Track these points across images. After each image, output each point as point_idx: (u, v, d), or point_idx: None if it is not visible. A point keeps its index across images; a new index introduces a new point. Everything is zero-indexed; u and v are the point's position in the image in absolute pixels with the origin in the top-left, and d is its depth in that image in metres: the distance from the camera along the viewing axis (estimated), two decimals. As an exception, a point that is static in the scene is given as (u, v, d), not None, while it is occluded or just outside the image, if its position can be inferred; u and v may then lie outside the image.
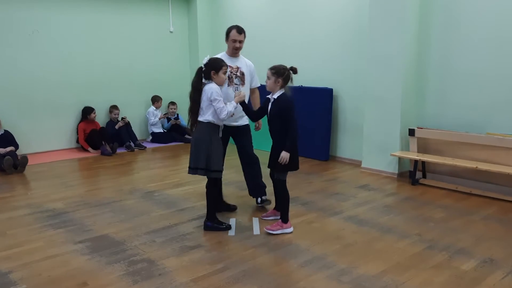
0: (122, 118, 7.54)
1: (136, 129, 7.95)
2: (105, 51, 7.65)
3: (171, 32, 8.23)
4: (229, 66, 4.14)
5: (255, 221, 3.97)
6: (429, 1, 5.28)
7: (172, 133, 8.12)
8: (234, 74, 4.23)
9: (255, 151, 4.45)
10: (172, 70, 8.55)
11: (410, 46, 5.32)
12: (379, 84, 5.52)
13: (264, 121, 4.00)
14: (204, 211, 4.24)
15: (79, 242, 3.54)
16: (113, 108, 7.62)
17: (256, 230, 3.78)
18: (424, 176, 5.33)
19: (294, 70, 3.73)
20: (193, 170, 3.68)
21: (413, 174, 5.20)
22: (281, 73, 3.65)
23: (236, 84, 4.22)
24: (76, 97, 7.38)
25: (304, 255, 3.28)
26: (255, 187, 4.41)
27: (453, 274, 2.98)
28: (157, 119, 7.97)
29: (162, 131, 8.06)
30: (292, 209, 4.27)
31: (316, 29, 6.58)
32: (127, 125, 7.58)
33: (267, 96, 3.80)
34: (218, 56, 4.15)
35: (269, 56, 7.40)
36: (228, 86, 4.14)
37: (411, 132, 5.30)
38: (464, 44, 5.05)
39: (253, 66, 4.50)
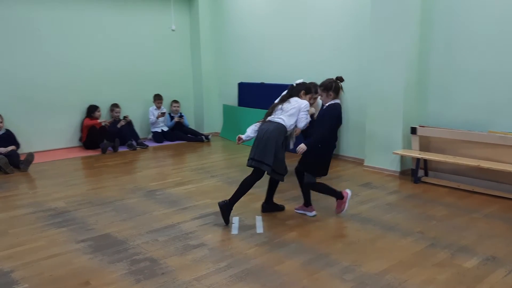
0: (124, 117, 7.54)
1: (138, 127, 7.95)
2: (107, 49, 7.66)
3: (173, 30, 8.22)
4: None
5: (258, 220, 3.97)
6: (430, 5, 5.27)
7: (176, 131, 8.11)
8: None
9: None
10: (174, 68, 8.55)
11: (412, 45, 5.31)
12: (382, 83, 5.51)
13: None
14: (207, 209, 4.26)
15: (81, 241, 3.54)
16: (114, 106, 7.63)
17: (259, 228, 3.78)
18: (426, 174, 5.32)
19: (341, 79, 3.95)
20: (257, 162, 3.83)
21: (415, 172, 5.20)
22: (329, 87, 3.89)
23: None
24: (78, 96, 7.39)
25: (307, 253, 3.28)
26: None
27: (456, 271, 2.98)
28: (155, 118, 7.95)
29: (161, 130, 8.02)
30: (293, 209, 4.28)
31: (319, 27, 6.57)
32: (129, 123, 7.58)
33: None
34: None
35: (272, 55, 7.42)
36: None
37: (413, 131, 5.29)
38: (466, 43, 5.04)
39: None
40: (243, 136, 4.06)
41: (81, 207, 4.40)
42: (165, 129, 8.09)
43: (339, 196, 4.02)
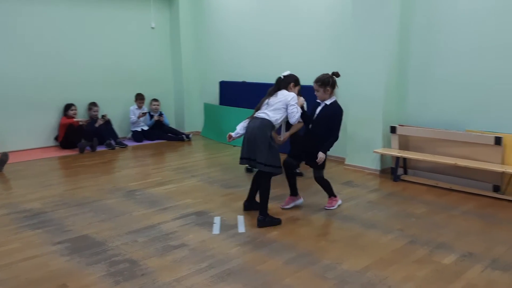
0: (102, 116, 7.41)
1: (117, 126, 7.84)
2: (85, 47, 7.51)
3: (152, 28, 8.12)
4: None
5: (240, 219, 3.95)
6: (410, 5, 5.34)
7: (155, 130, 8.02)
8: None
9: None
10: (154, 66, 8.45)
11: (392, 47, 5.37)
12: (363, 83, 5.56)
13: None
14: (188, 210, 4.21)
15: (58, 243, 3.46)
16: (93, 105, 7.48)
17: (241, 228, 3.76)
18: (405, 173, 5.39)
19: (337, 74, 4.02)
20: (248, 160, 3.81)
21: (395, 171, 5.26)
22: (327, 82, 3.95)
23: None
24: (55, 94, 7.22)
25: (289, 252, 3.28)
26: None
27: (434, 268, 3.02)
28: (136, 117, 7.84)
29: (141, 129, 7.91)
30: (278, 206, 4.29)
31: (301, 27, 6.58)
32: (108, 122, 7.46)
33: (317, 100, 4.12)
34: None
35: (254, 53, 7.41)
36: None
37: (393, 130, 5.35)
38: (444, 46, 5.13)
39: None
40: (233, 134, 3.97)
41: (57, 208, 4.30)
42: (145, 128, 7.99)
43: (334, 194, 4.24)
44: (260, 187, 3.88)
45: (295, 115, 3.82)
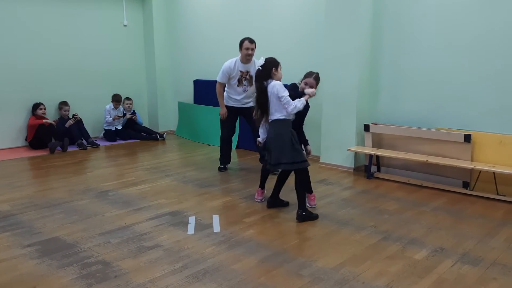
0: (73, 115, 7.24)
1: (90, 126, 7.68)
2: (54, 44, 7.32)
3: (125, 26, 8.00)
4: (241, 71, 5.26)
5: (215, 219, 3.93)
6: (382, 3, 5.42)
7: (128, 130, 7.89)
8: (244, 77, 5.29)
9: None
10: (126, 65, 8.31)
11: (364, 47, 5.45)
12: (336, 82, 5.61)
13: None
14: (162, 210, 4.17)
15: (27, 246, 3.36)
16: (63, 104, 7.31)
17: (216, 227, 3.74)
18: (378, 170, 5.49)
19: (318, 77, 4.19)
20: (276, 165, 3.83)
21: (368, 168, 5.35)
22: (317, 78, 4.14)
23: (245, 85, 5.32)
24: (23, 93, 7.02)
25: (264, 250, 3.28)
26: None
27: (407, 263, 3.09)
28: (111, 118, 7.70)
29: (114, 128, 7.77)
30: (253, 205, 4.29)
31: (274, 26, 6.60)
32: (79, 122, 7.29)
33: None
34: (232, 60, 5.25)
35: (229, 52, 7.35)
36: (238, 86, 5.30)
37: (366, 128, 5.44)
38: (413, 46, 5.24)
39: None
40: (260, 139, 4.11)
41: (27, 210, 4.18)
42: (119, 127, 7.85)
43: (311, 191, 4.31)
44: (297, 184, 3.91)
45: (290, 104, 3.78)
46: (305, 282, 2.82)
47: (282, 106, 3.80)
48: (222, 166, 5.67)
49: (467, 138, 4.68)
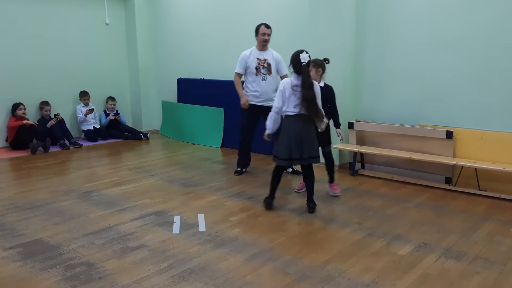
0: (55, 115, 7.12)
1: (73, 126, 7.57)
2: (34, 43, 7.19)
3: (107, 24, 7.90)
4: (257, 58, 5.08)
5: (201, 218, 3.92)
6: (364, 4, 5.47)
7: (111, 130, 7.81)
8: (261, 65, 5.10)
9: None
10: (109, 64, 8.21)
11: (348, 45, 5.48)
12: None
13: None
14: (146, 210, 4.13)
15: (9, 248, 3.30)
16: (44, 104, 7.18)
17: (202, 226, 3.72)
18: (362, 167, 5.53)
19: (327, 61, 4.34)
20: (310, 159, 3.93)
21: (352, 166, 5.39)
22: (319, 64, 4.27)
23: (263, 74, 5.10)
24: (1, 93, 6.88)
25: (250, 249, 3.28)
26: None
27: (391, 259, 3.12)
28: (83, 116, 7.59)
29: (93, 127, 7.68)
30: (238, 204, 4.29)
31: (257, 22, 6.42)
32: (61, 122, 7.18)
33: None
34: (248, 51, 5.12)
35: (212, 50, 7.35)
36: (256, 75, 5.08)
37: (350, 125, 5.47)
38: (396, 45, 5.30)
39: (280, 56, 5.21)
40: (269, 132, 4.10)
41: (8, 211, 4.10)
42: (97, 126, 7.75)
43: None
44: (312, 178, 4.07)
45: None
46: (292, 280, 2.83)
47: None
48: (239, 169, 5.44)
49: (449, 134, 4.75)
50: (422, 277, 2.86)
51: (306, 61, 3.85)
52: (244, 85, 5.23)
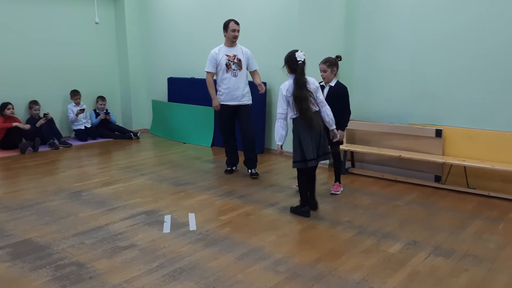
0: (45, 114, 7.05)
1: (63, 125, 7.50)
2: (23, 42, 7.11)
3: (96, 23, 7.83)
4: (227, 55, 5.05)
5: (191, 217, 3.91)
6: (354, 2, 5.48)
7: (101, 129, 7.75)
8: (231, 61, 5.07)
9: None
10: (99, 63, 8.15)
11: (337, 44, 5.50)
12: (309, 75, 5.61)
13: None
14: (137, 209, 4.12)
15: (-2, 249, 3.27)
16: (33, 103, 7.11)
17: (192, 225, 3.72)
18: (353, 166, 5.56)
19: (340, 58, 4.34)
20: (326, 155, 3.91)
21: (343, 164, 5.40)
22: (334, 62, 4.24)
23: (234, 70, 5.07)
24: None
25: (241, 247, 3.28)
26: (248, 160, 5.24)
27: (381, 257, 3.14)
28: (74, 115, 7.53)
29: (84, 127, 7.61)
30: (229, 203, 4.28)
31: (248, 23, 6.56)
32: (50, 121, 7.11)
33: (320, 83, 4.27)
34: (216, 48, 5.09)
35: (203, 49, 7.29)
36: (227, 72, 5.04)
37: (340, 124, 5.49)
38: (386, 44, 5.33)
39: (249, 52, 5.22)
40: (280, 142, 4.03)
41: (-4, 212, 4.06)
42: (88, 125, 7.69)
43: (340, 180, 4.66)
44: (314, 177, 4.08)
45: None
46: (282, 278, 2.83)
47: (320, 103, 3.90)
48: (229, 168, 5.42)
49: (439, 133, 4.79)
50: (412, 275, 2.89)
51: (302, 60, 3.83)
52: (216, 84, 5.20)
